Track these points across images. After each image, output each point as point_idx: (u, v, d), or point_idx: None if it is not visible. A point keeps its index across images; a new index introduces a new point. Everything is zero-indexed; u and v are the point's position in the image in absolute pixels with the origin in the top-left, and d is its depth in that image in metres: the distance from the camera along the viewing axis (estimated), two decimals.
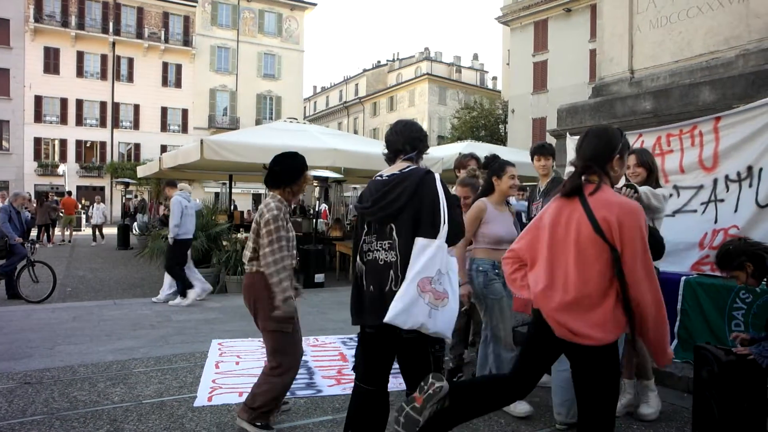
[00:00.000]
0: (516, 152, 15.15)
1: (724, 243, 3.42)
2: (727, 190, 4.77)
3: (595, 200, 2.21)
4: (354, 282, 2.70)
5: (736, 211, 4.67)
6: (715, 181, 4.85)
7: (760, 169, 4.50)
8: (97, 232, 19.93)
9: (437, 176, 2.55)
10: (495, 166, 3.95)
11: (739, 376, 2.96)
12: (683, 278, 4.63)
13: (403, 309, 2.34)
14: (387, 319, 2.35)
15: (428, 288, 2.37)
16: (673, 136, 5.17)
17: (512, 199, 5.06)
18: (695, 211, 4.97)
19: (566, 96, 18.04)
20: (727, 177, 4.77)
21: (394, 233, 2.50)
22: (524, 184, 7.64)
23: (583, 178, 2.29)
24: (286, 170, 3.39)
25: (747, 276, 3.00)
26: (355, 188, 22.74)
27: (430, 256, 2.38)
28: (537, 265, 2.40)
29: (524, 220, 4.92)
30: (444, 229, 2.43)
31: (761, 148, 4.50)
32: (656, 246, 3.16)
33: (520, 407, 3.59)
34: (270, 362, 3.38)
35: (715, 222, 4.81)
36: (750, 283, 3.07)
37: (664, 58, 6.15)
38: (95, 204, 20.96)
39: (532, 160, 4.62)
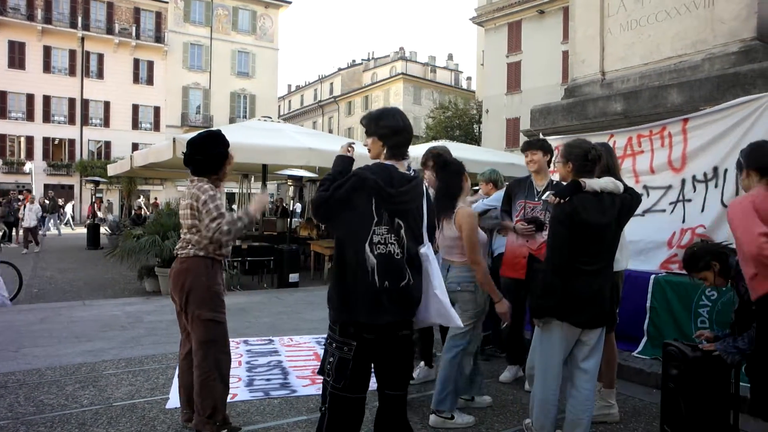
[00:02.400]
0: (490, 152, 15.32)
1: (688, 247, 3.47)
2: (695, 191, 4.89)
3: None
4: (359, 277, 2.34)
5: (702, 210, 4.80)
6: (683, 182, 4.97)
7: (725, 170, 4.63)
8: (30, 237, 16.41)
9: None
10: (459, 165, 3.75)
11: (705, 372, 3.03)
12: (652, 276, 4.73)
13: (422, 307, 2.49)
14: (454, 323, 2.56)
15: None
16: (643, 136, 5.28)
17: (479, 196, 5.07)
18: (664, 210, 5.08)
19: (539, 97, 18.27)
20: (694, 177, 4.89)
21: (403, 230, 2.41)
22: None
23: None
24: (209, 159, 3.22)
25: (714, 275, 3.06)
26: None
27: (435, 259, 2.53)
28: None
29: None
30: (426, 232, 2.55)
31: (726, 149, 4.62)
32: None
33: None
34: (197, 355, 3.17)
35: (683, 221, 4.93)
36: (717, 283, 3.13)
37: (634, 61, 6.27)
38: (27, 204, 17.29)
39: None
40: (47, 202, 24.05)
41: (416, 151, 12.07)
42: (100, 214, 22.32)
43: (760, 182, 2.62)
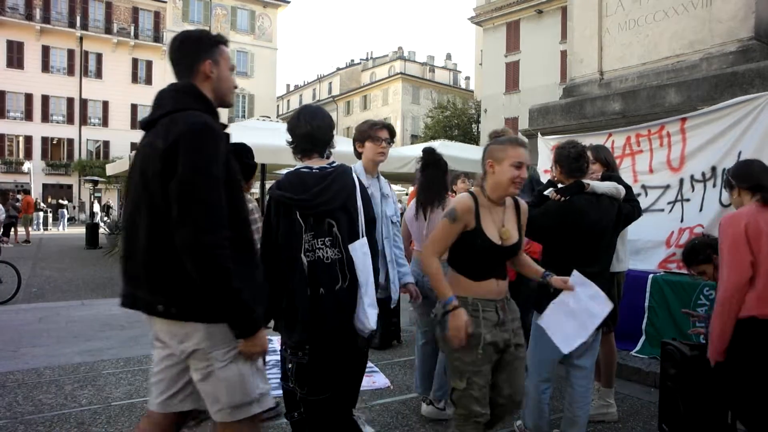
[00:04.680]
0: None
1: (689, 240, 3.50)
2: (693, 190, 4.90)
3: None
4: (298, 287, 2.30)
5: (701, 210, 4.80)
6: (681, 181, 4.98)
7: (724, 170, 4.63)
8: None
9: (356, 175, 2.50)
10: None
11: (703, 371, 3.04)
12: (650, 276, 4.74)
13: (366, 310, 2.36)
14: (371, 326, 2.34)
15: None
16: (642, 136, 5.29)
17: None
18: (662, 210, 5.09)
19: (538, 96, 18.30)
20: (692, 177, 4.90)
21: (335, 229, 2.33)
22: None
23: None
24: (244, 169, 3.13)
25: (714, 269, 3.07)
26: None
27: (365, 251, 2.37)
28: None
29: None
30: (363, 227, 2.42)
31: (724, 149, 4.63)
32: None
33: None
34: None
35: (681, 221, 4.94)
36: (716, 278, 3.14)
37: (632, 60, 6.29)
38: None
39: None
40: (43, 204, 24.01)
41: (415, 151, 12.12)
42: (99, 216, 22.26)
43: (752, 199, 2.66)
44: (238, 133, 10.40)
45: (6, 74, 34.58)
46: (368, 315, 2.33)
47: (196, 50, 1.96)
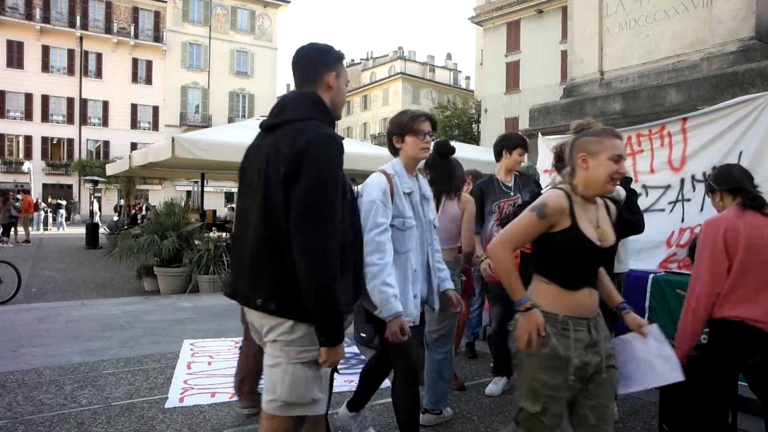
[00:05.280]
0: (489, 152, 15.33)
1: (694, 237, 3.52)
2: (694, 190, 4.89)
3: None
4: None
5: (701, 210, 4.79)
6: (682, 181, 4.97)
7: None
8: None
9: None
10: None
11: (703, 371, 3.04)
12: (651, 276, 4.73)
13: None
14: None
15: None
16: (643, 136, 5.28)
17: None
18: (663, 210, 5.08)
19: (538, 96, 18.29)
20: (693, 177, 4.89)
21: None
22: None
23: None
24: None
25: None
26: None
27: None
28: None
29: None
30: None
31: (725, 149, 4.62)
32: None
33: None
34: None
35: (682, 221, 4.93)
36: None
37: (633, 60, 6.28)
38: None
39: (511, 152, 4.26)
40: (44, 204, 24.04)
41: None
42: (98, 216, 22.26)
43: (733, 202, 2.73)
44: (239, 132, 10.44)
45: (6, 74, 34.60)
46: None
47: (323, 61, 2.09)
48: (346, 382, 4.19)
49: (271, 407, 1.91)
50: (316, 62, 2.09)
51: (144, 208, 23.20)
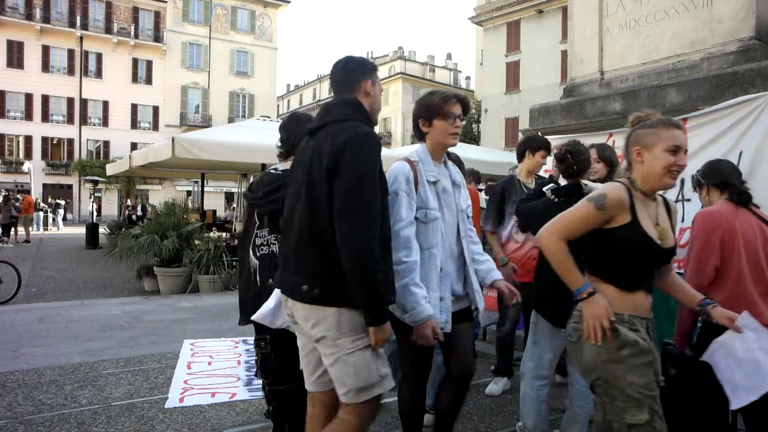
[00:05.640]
0: (490, 152, 15.34)
1: None
2: (694, 190, 4.88)
3: None
4: (246, 279, 2.60)
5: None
6: (683, 181, 4.97)
7: None
8: None
9: None
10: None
11: (703, 371, 3.03)
12: None
13: (273, 308, 2.31)
14: (255, 317, 2.33)
15: None
16: None
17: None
18: None
19: (538, 96, 18.29)
20: (693, 177, 4.88)
21: None
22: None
23: None
24: None
25: None
26: None
27: None
28: None
29: None
30: None
31: (725, 149, 4.62)
32: None
33: None
34: None
35: (682, 221, 4.93)
36: None
37: (633, 60, 6.27)
38: None
39: (534, 154, 4.11)
40: (44, 204, 24.05)
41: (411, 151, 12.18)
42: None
43: (720, 197, 2.76)
44: (239, 132, 10.44)
45: (6, 74, 34.61)
46: (263, 306, 2.38)
47: (359, 71, 2.23)
48: None
49: (348, 398, 2.01)
50: (353, 72, 2.22)
51: (140, 208, 23.21)
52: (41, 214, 25.27)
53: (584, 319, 1.90)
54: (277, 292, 2.30)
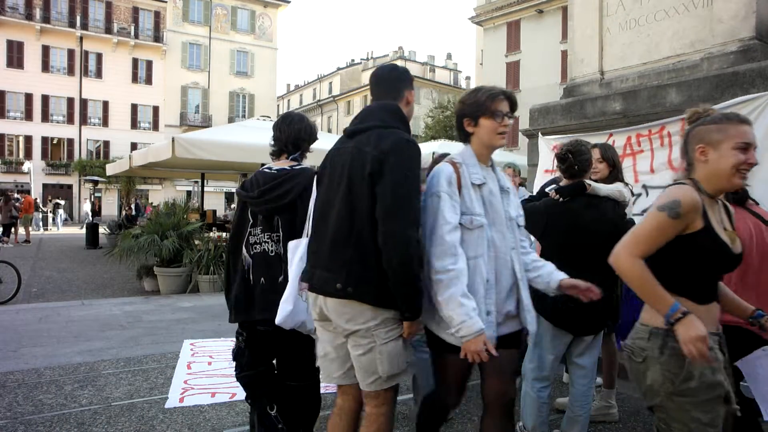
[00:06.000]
0: None
1: None
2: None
3: None
4: (240, 276, 2.63)
5: None
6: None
7: None
8: None
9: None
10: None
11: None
12: None
13: (291, 311, 2.35)
14: (278, 321, 2.37)
15: (303, 286, 2.35)
16: (642, 136, 5.28)
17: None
18: None
19: (538, 96, 18.25)
20: None
21: (281, 226, 2.55)
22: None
23: None
24: None
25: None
26: None
27: (301, 255, 2.37)
28: None
29: None
30: (308, 227, 2.41)
31: None
32: None
33: None
34: None
35: None
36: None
37: (633, 60, 6.27)
38: None
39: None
40: (43, 208, 24.04)
41: None
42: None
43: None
44: (239, 132, 10.43)
45: (6, 74, 34.60)
46: (281, 309, 2.38)
47: (405, 80, 2.36)
48: None
49: (376, 385, 2.13)
50: (398, 80, 2.33)
51: (133, 207, 23.16)
52: (39, 215, 25.24)
53: (682, 343, 1.70)
54: (291, 296, 2.35)
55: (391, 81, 2.32)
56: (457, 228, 2.14)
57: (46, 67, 36.14)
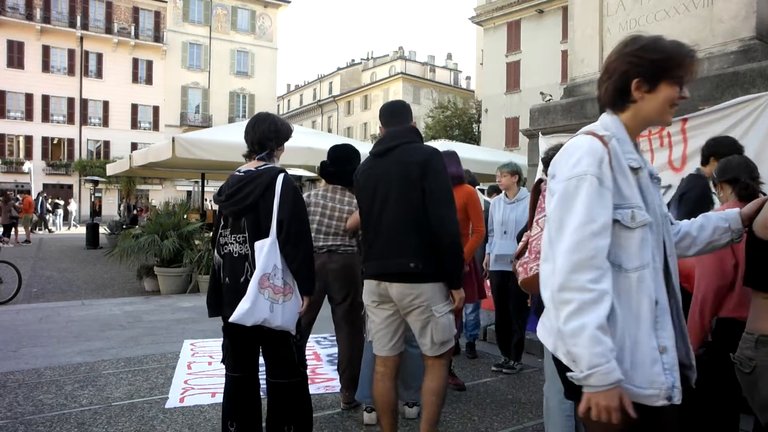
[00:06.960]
0: (490, 152, 15.32)
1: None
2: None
3: None
4: (211, 275, 2.81)
5: None
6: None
7: None
8: None
9: (282, 177, 2.63)
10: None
11: (705, 371, 3.02)
12: None
13: (248, 309, 2.48)
14: (232, 319, 2.50)
15: (267, 284, 2.52)
16: (642, 136, 5.27)
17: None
18: None
19: (539, 96, 18.27)
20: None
21: (246, 227, 2.64)
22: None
23: None
24: (338, 173, 3.76)
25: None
26: None
27: (266, 253, 2.53)
28: None
29: None
30: (274, 227, 2.56)
31: None
32: None
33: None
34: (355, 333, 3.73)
35: None
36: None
37: None
38: None
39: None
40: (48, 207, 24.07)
41: None
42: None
43: (731, 194, 2.73)
44: (239, 133, 10.43)
45: (6, 74, 34.59)
46: (238, 308, 2.49)
47: (410, 110, 3.03)
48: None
49: (433, 351, 2.72)
50: (408, 111, 3.00)
51: (128, 207, 23.11)
52: (49, 216, 25.30)
53: None
54: (251, 294, 2.47)
55: (404, 111, 2.97)
56: (608, 229, 1.47)
57: (46, 67, 36.14)
